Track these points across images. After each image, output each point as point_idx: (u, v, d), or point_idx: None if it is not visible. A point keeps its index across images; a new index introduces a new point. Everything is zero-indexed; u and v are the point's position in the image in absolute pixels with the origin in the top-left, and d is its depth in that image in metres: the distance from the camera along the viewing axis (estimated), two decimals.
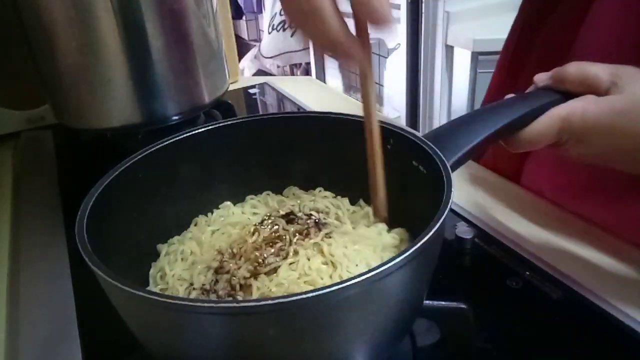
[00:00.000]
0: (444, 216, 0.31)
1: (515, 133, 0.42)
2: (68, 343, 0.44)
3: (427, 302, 0.42)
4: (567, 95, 0.42)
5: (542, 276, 0.48)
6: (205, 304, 0.27)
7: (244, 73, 2.48)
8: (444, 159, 0.37)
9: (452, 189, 0.34)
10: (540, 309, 0.46)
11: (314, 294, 0.26)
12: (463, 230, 0.53)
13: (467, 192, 0.62)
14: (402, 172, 0.41)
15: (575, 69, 0.41)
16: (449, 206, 0.32)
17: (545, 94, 0.42)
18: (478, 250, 0.52)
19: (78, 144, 0.77)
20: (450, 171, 0.35)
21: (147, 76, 0.64)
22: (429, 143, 0.38)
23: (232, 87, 0.97)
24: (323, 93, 1.03)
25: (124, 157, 0.41)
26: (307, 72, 2.55)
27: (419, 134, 0.40)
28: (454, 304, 0.40)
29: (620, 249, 0.52)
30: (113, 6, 0.59)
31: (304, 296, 0.26)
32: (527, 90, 0.45)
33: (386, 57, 2.30)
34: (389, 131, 0.42)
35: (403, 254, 0.28)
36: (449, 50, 1.76)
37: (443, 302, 0.41)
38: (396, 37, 1.89)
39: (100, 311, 0.49)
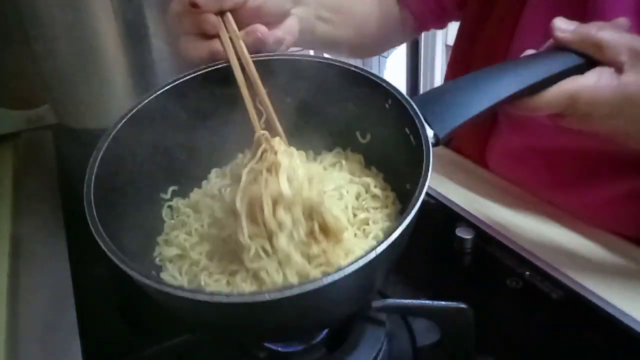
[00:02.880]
0: (413, 213, 0.32)
1: (519, 99, 0.40)
2: (68, 342, 0.44)
3: (427, 302, 0.42)
4: (583, 57, 0.40)
5: (542, 276, 0.48)
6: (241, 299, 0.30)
7: None
8: (430, 145, 0.36)
9: (426, 184, 0.34)
10: (540, 309, 0.46)
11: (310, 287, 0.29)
12: (463, 230, 0.53)
13: (466, 192, 0.62)
14: (396, 135, 0.40)
15: (595, 32, 0.40)
16: (418, 203, 0.33)
17: (560, 59, 0.41)
18: (478, 250, 0.52)
19: (78, 144, 0.77)
20: (429, 170, 0.35)
21: (147, 76, 0.64)
22: (420, 118, 0.37)
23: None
24: None
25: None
26: None
27: (415, 100, 0.39)
28: (454, 304, 0.40)
29: (621, 249, 0.52)
30: (113, 6, 0.59)
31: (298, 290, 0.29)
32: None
33: (386, 57, 2.30)
34: (386, 91, 0.41)
35: (373, 250, 0.30)
36: (449, 50, 1.76)
37: (443, 302, 0.41)
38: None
39: (100, 311, 0.50)
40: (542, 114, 0.41)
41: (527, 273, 0.49)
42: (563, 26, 0.42)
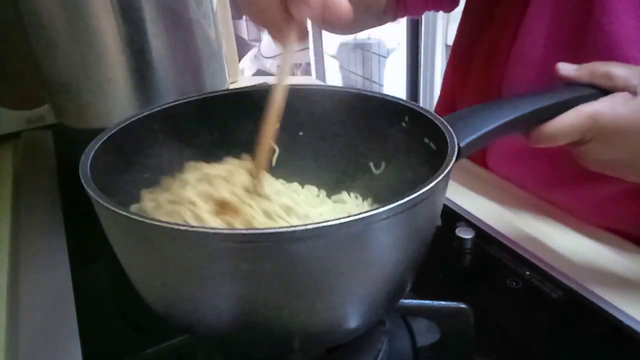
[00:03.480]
0: (439, 178, 0.31)
1: (536, 126, 0.40)
2: (68, 343, 0.44)
3: (427, 302, 0.42)
4: (595, 89, 0.40)
5: (542, 276, 0.48)
6: (211, 231, 0.27)
7: (244, 73, 2.47)
8: (452, 133, 0.36)
9: (453, 157, 0.33)
10: (540, 309, 0.46)
11: (312, 226, 0.26)
12: (463, 230, 0.53)
13: (466, 192, 0.62)
14: (415, 149, 0.40)
15: (601, 65, 0.41)
16: (448, 169, 0.32)
17: (573, 89, 0.41)
18: (478, 250, 0.52)
19: (78, 144, 0.77)
20: (455, 141, 0.35)
21: (147, 76, 0.64)
22: (441, 119, 0.38)
23: (232, 87, 0.96)
24: None
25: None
26: (307, 72, 2.55)
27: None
28: (454, 304, 0.40)
29: (621, 248, 0.52)
30: (113, 6, 0.59)
31: (301, 228, 0.26)
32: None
33: (386, 57, 2.30)
34: (404, 108, 0.41)
35: (394, 202, 0.28)
36: (449, 50, 1.76)
37: (443, 302, 0.41)
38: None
39: (100, 311, 0.50)
40: (562, 140, 0.41)
41: (527, 273, 0.49)
42: (567, 67, 0.42)
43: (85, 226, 0.33)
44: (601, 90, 0.41)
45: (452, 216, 0.57)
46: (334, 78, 2.58)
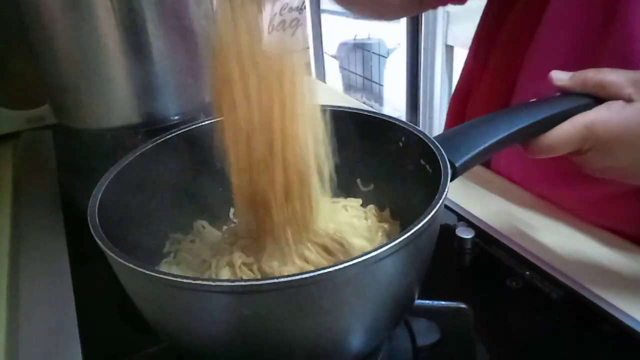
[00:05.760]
0: (435, 209, 0.32)
1: (534, 137, 0.41)
2: (68, 343, 0.44)
3: (427, 302, 0.42)
4: (590, 98, 0.41)
5: (542, 276, 0.48)
6: (213, 283, 0.28)
7: None
8: (445, 157, 0.36)
9: (447, 185, 0.34)
10: (540, 309, 0.46)
11: (312, 274, 0.27)
12: (463, 230, 0.53)
13: (467, 192, 0.62)
14: (411, 170, 0.41)
15: (594, 74, 0.41)
16: (442, 199, 0.33)
17: (568, 99, 0.41)
18: (478, 250, 0.52)
19: (78, 144, 0.77)
20: (448, 168, 0.35)
21: (147, 76, 0.64)
22: (435, 142, 0.38)
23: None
24: (323, 93, 1.03)
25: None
26: (306, 73, 2.55)
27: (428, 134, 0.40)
28: (454, 304, 0.40)
29: (621, 248, 0.52)
30: (113, 6, 0.59)
31: (302, 276, 0.27)
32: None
33: (386, 57, 2.30)
34: (400, 129, 0.42)
35: (393, 241, 0.29)
36: (449, 50, 1.76)
37: (443, 302, 0.41)
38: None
39: (100, 311, 0.50)
40: (560, 152, 0.41)
41: (527, 273, 0.49)
42: (560, 76, 0.42)
43: (85, 226, 0.33)
44: (596, 99, 0.41)
45: (452, 216, 0.57)
46: (334, 78, 2.57)
